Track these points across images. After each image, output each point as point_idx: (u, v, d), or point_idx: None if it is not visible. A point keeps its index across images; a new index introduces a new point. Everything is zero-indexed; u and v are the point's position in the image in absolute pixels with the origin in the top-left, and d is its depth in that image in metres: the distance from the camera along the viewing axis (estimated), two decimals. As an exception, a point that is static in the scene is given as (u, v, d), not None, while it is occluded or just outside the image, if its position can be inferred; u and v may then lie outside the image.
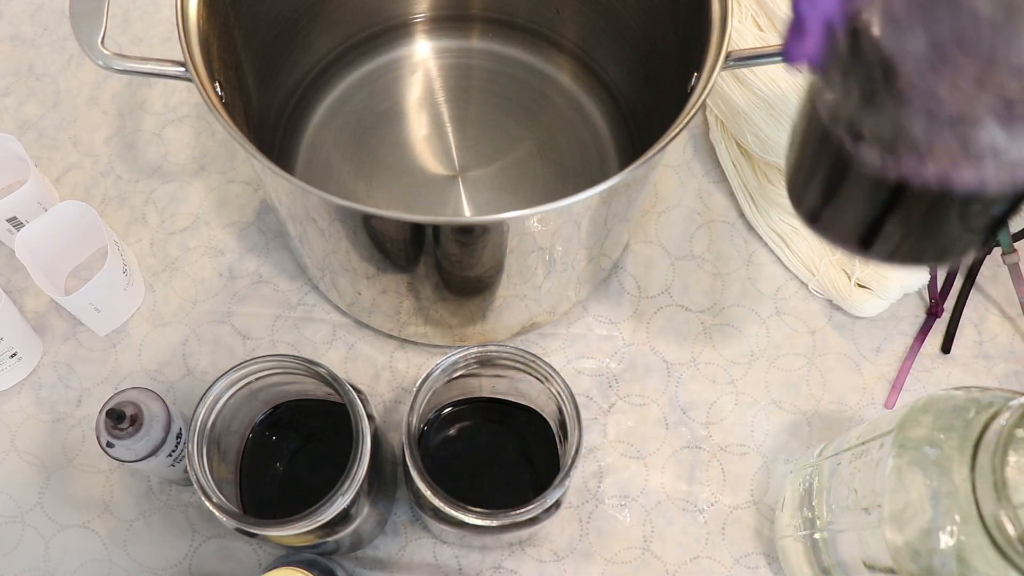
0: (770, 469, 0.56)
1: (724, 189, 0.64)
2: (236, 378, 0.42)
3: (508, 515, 0.41)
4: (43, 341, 0.58)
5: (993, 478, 0.34)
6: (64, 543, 0.53)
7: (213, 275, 0.60)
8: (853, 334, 0.60)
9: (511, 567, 0.53)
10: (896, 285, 0.57)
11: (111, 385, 0.57)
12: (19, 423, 0.56)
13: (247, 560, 0.53)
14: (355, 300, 0.55)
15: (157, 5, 0.71)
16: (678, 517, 0.54)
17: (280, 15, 0.56)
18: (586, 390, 0.57)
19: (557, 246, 0.48)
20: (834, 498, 0.45)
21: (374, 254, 0.47)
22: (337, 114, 0.63)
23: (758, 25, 0.61)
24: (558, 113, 0.63)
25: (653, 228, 0.63)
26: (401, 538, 0.53)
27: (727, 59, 0.45)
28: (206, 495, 0.40)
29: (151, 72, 0.45)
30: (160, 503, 0.54)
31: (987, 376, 0.59)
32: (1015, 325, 0.60)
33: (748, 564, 0.53)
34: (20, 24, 0.70)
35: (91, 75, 0.67)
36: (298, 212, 0.47)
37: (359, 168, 0.61)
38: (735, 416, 0.57)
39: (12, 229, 0.58)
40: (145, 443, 0.47)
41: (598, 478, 0.55)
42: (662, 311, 0.60)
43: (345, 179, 0.61)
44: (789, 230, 0.61)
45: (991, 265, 0.61)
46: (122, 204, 0.63)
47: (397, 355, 0.58)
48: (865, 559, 0.42)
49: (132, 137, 0.65)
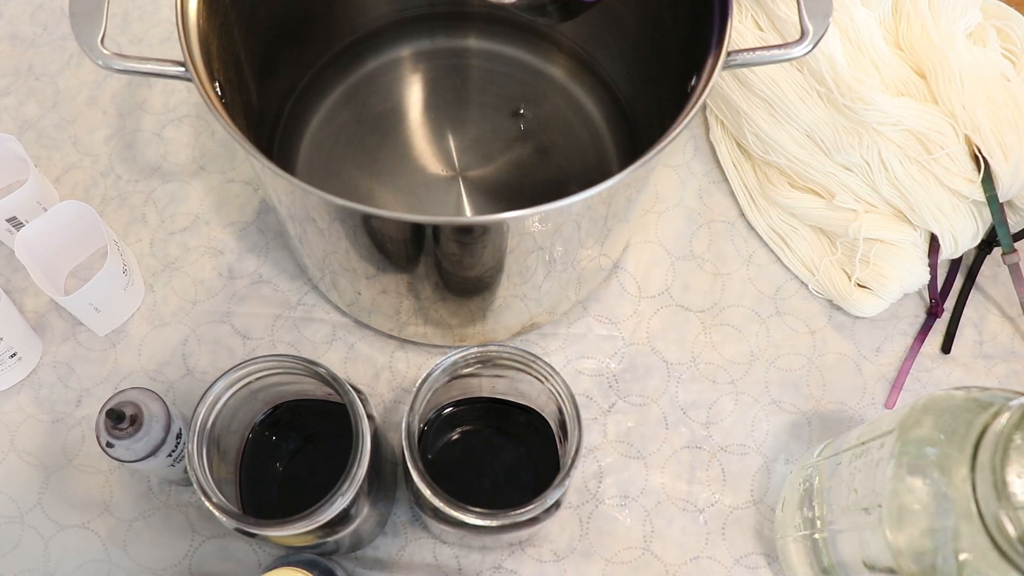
0: (770, 469, 0.56)
1: (724, 189, 0.64)
2: (236, 378, 0.42)
3: (508, 515, 0.41)
4: (43, 341, 0.58)
5: (993, 478, 0.34)
6: (64, 543, 0.53)
7: (213, 275, 0.60)
8: (853, 334, 0.60)
9: (511, 567, 0.53)
10: (896, 285, 0.57)
11: (111, 385, 0.57)
12: (19, 423, 0.56)
13: (247, 560, 0.53)
14: (355, 300, 0.55)
15: (157, 5, 0.71)
16: (678, 517, 0.54)
17: (280, 15, 0.56)
18: (586, 390, 0.57)
19: (557, 246, 0.48)
20: (834, 498, 0.45)
21: (374, 254, 0.47)
22: (337, 114, 0.63)
23: (758, 25, 0.61)
24: (558, 113, 0.63)
25: (653, 228, 0.63)
26: (401, 538, 0.53)
27: (727, 59, 0.45)
28: (206, 495, 0.40)
29: (151, 72, 0.45)
30: (160, 503, 0.54)
31: (987, 376, 0.59)
32: (1015, 325, 0.60)
33: (748, 564, 0.53)
34: (20, 24, 0.70)
35: (91, 75, 0.67)
36: (298, 212, 0.47)
37: (359, 168, 0.61)
38: (735, 416, 0.57)
39: (12, 229, 0.58)
40: (145, 443, 0.47)
41: (598, 478, 0.55)
42: (662, 311, 0.60)
43: (345, 179, 0.61)
44: (789, 230, 0.61)
45: (991, 265, 0.61)
46: (122, 204, 0.63)
47: (397, 355, 0.58)
48: (865, 559, 0.42)
49: (132, 137, 0.65)
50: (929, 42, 0.56)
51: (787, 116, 0.58)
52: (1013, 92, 0.54)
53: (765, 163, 0.61)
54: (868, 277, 0.58)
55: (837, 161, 0.57)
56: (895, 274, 0.57)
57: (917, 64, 0.57)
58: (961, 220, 0.56)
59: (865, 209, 0.57)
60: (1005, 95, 0.54)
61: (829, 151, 0.57)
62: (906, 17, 0.58)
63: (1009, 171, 0.54)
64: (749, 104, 0.60)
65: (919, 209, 0.56)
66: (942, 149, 0.54)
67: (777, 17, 0.59)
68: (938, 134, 0.54)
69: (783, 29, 0.59)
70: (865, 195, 0.57)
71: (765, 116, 0.59)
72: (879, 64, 0.57)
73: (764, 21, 0.60)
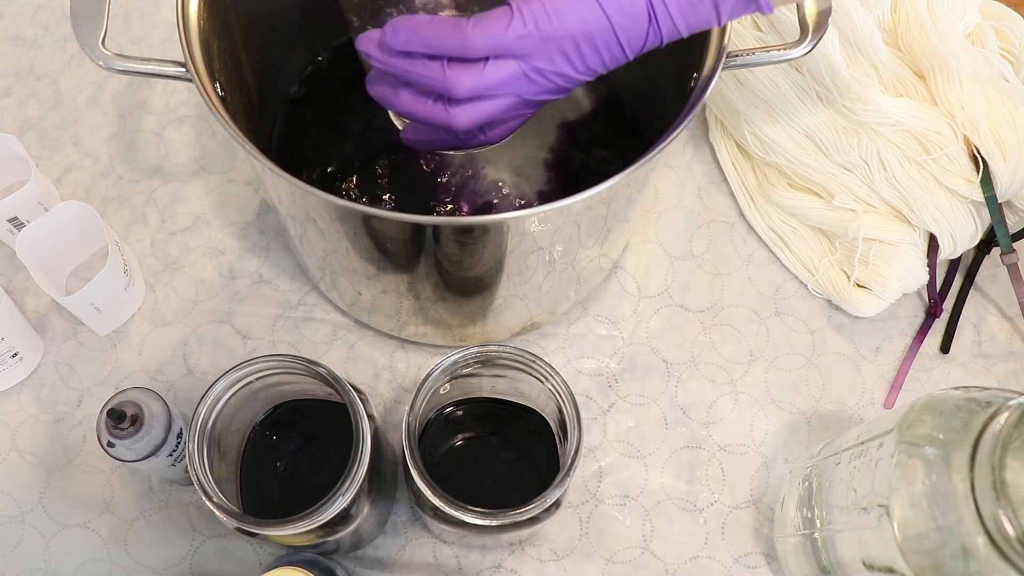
0: (769, 469, 0.56)
1: (724, 189, 0.64)
2: (236, 378, 0.42)
3: (508, 515, 0.41)
4: (44, 341, 0.58)
5: (992, 478, 0.35)
6: (65, 543, 0.53)
7: (213, 275, 0.60)
8: (852, 334, 0.60)
9: (511, 567, 0.53)
10: (895, 285, 0.57)
11: (112, 385, 0.57)
12: (20, 423, 0.56)
13: (247, 560, 0.53)
14: (355, 300, 0.55)
15: (157, 5, 0.71)
16: (678, 517, 0.54)
17: (280, 15, 0.57)
18: (586, 390, 0.57)
19: (557, 246, 0.48)
20: (833, 498, 0.45)
21: (374, 254, 0.47)
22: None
23: (758, 25, 0.61)
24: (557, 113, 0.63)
25: (653, 228, 0.63)
26: (401, 538, 0.53)
27: (727, 59, 0.45)
28: (207, 495, 0.40)
29: (151, 72, 0.45)
30: (161, 503, 0.54)
31: (986, 376, 0.59)
32: (1014, 325, 0.60)
33: (747, 564, 0.53)
34: (21, 24, 0.70)
35: (92, 75, 0.68)
36: (298, 212, 0.47)
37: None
38: (734, 416, 0.57)
39: (13, 229, 0.58)
40: (146, 443, 0.47)
41: (598, 478, 0.55)
42: (662, 311, 0.60)
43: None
44: (788, 230, 0.61)
45: (990, 265, 0.61)
46: (123, 204, 0.63)
47: (397, 355, 0.58)
48: (864, 558, 0.42)
49: (132, 137, 0.65)
50: (928, 43, 0.56)
51: (786, 116, 0.58)
52: (1012, 93, 0.55)
53: (764, 163, 0.61)
54: (867, 277, 0.58)
55: (836, 161, 0.58)
56: (894, 274, 0.57)
57: (916, 65, 0.57)
58: (960, 220, 0.56)
59: (864, 209, 0.57)
60: (1004, 96, 0.54)
61: (828, 151, 0.58)
62: (905, 18, 0.58)
63: (1008, 171, 0.54)
64: (748, 104, 0.60)
65: (918, 209, 0.56)
66: (941, 149, 0.54)
67: (776, 18, 0.59)
68: (937, 134, 0.54)
69: (782, 30, 0.59)
70: (864, 195, 0.57)
71: (764, 116, 0.59)
72: (878, 65, 0.57)
73: (763, 22, 0.60)
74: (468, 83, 0.38)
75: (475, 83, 0.39)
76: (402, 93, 0.41)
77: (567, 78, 0.40)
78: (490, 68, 0.38)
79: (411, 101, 0.41)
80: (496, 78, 0.39)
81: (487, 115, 0.40)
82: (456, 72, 0.38)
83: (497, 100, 0.40)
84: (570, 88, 0.41)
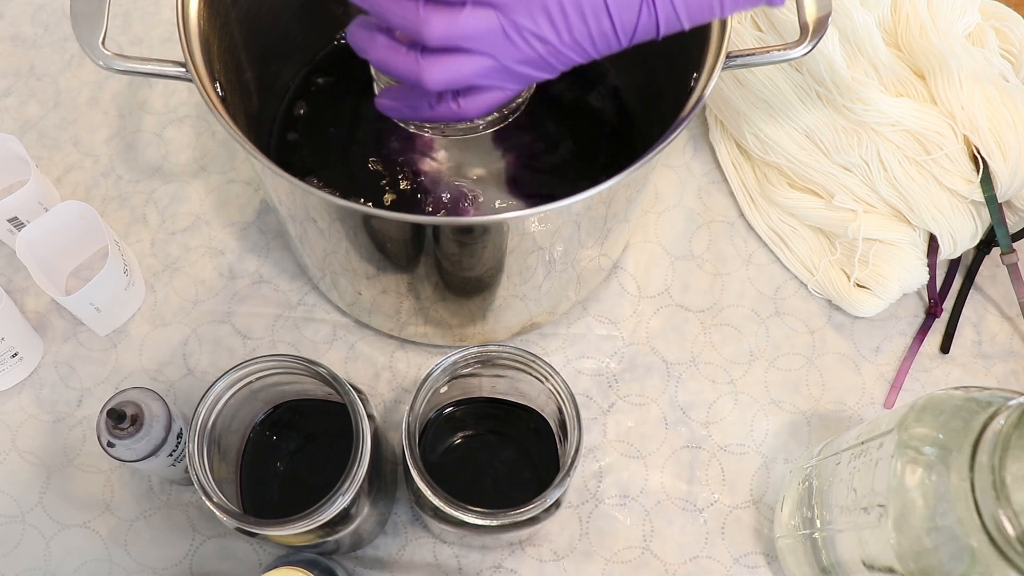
0: (769, 469, 0.56)
1: (724, 189, 0.64)
2: (236, 378, 0.42)
3: (508, 515, 0.41)
4: (44, 341, 0.58)
5: (992, 478, 0.35)
6: (65, 543, 0.53)
7: (213, 275, 0.60)
8: (852, 334, 0.60)
9: (511, 567, 0.53)
10: (895, 285, 0.57)
11: (112, 385, 0.57)
12: (20, 423, 0.56)
13: (247, 560, 0.53)
14: (355, 300, 0.55)
15: (157, 5, 0.71)
16: (678, 517, 0.54)
17: (280, 15, 0.57)
18: (586, 390, 0.57)
19: (557, 246, 0.48)
20: (833, 498, 0.45)
21: (374, 254, 0.47)
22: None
23: (758, 25, 0.61)
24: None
25: (653, 228, 0.63)
26: (401, 538, 0.53)
27: (727, 59, 0.45)
28: (207, 495, 0.40)
29: (151, 72, 0.45)
30: (161, 503, 0.54)
31: (986, 376, 0.59)
32: (1014, 325, 0.60)
33: (747, 564, 0.53)
34: (21, 24, 0.70)
35: (92, 75, 0.68)
36: (298, 212, 0.47)
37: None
38: (734, 416, 0.57)
39: (13, 229, 0.58)
40: (146, 443, 0.47)
41: (598, 478, 0.55)
42: (662, 311, 0.60)
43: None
44: (788, 230, 0.61)
45: (990, 265, 0.61)
46: (123, 204, 0.63)
47: (397, 355, 0.58)
48: (864, 559, 0.42)
49: (132, 137, 0.65)
50: (928, 43, 0.56)
51: (786, 116, 0.58)
52: (1012, 93, 0.55)
53: (764, 163, 0.61)
54: (867, 277, 0.58)
55: (836, 161, 0.58)
56: (894, 274, 0.57)
57: (916, 65, 0.57)
58: (960, 220, 0.56)
59: (864, 209, 0.57)
60: (1004, 96, 0.54)
61: (828, 151, 0.58)
62: (905, 18, 0.58)
63: (1008, 171, 0.54)
64: (748, 104, 0.60)
65: (918, 209, 0.56)
66: (941, 149, 0.54)
67: (776, 18, 0.59)
68: (937, 134, 0.54)
69: (782, 30, 0.59)
70: (864, 195, 0.57)
71: (764, 116, 0.59)
72: (878, 65, 0.57)
73: (763, 22, 0.60)
74: (441, 27, 0.36)
75: (449, 28, 0.36)
76: (378, 38, 0.39)
77: (550, 47, 0.37)
78: (467, 14, 0.36)
79: (385, 47, 0.38)
80: (472, 27, 0.36)
81: (460, 74, 0.37)
82: (430, 13, 0.36)
83: (471, 58, 0.37)
84: (553, 67, 0.38)
